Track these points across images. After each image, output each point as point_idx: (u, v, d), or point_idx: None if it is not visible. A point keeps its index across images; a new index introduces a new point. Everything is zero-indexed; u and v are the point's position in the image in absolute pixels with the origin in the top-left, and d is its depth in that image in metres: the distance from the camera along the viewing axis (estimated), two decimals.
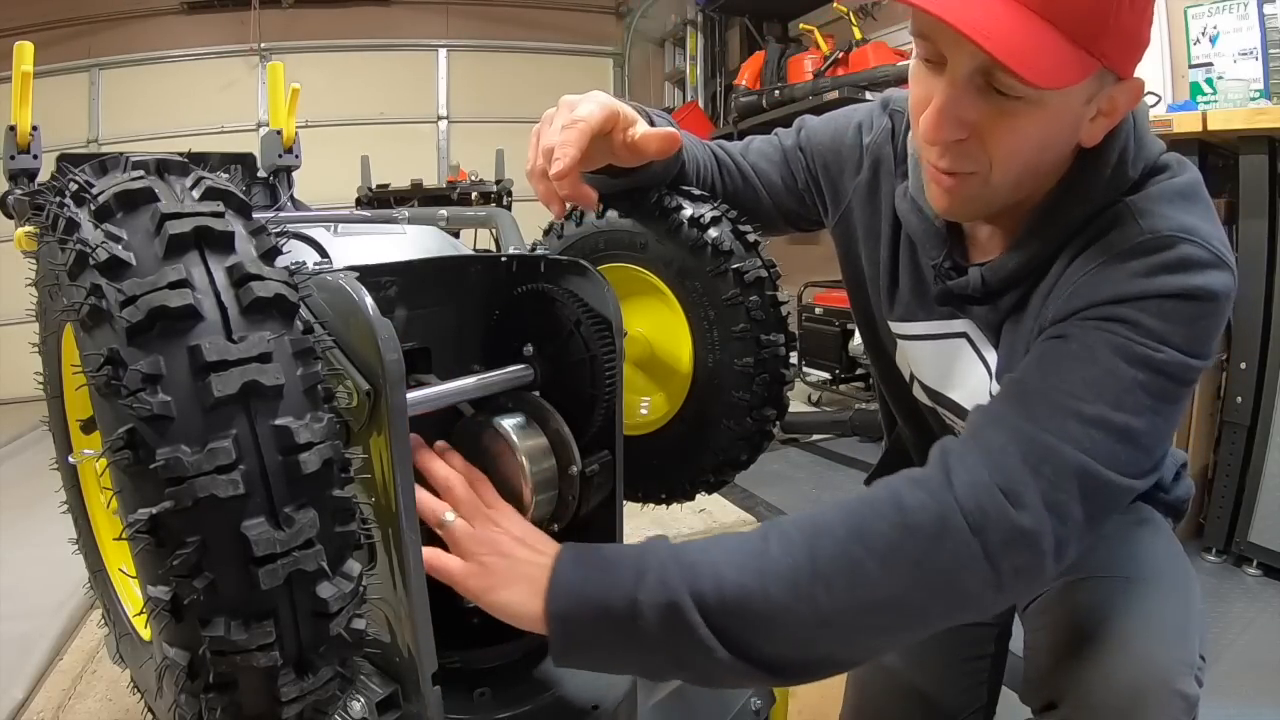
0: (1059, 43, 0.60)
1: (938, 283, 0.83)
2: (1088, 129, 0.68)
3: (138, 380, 0.40)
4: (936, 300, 0.84)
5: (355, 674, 0.49)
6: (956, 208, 0.74)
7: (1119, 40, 0.62)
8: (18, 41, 1.11)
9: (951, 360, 0.87)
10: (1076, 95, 0.65)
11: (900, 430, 1.07)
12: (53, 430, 0.88)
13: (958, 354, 0.86)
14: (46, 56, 1.81)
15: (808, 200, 0.97)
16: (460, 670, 0.72)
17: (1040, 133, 0.66)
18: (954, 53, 0.65)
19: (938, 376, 0.89)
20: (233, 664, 0.42)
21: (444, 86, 4.75)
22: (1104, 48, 0.62)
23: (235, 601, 0.41)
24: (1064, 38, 0.60)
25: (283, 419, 0.42)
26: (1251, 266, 1.74)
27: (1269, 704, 1.27)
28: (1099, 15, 0.60)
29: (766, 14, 3.99)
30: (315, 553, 0.43)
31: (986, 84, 0.64)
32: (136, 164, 0.47)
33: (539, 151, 0.75)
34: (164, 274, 0.41)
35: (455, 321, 0.83)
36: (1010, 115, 0.65)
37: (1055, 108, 0.65)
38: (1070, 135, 0.68)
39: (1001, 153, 0.67)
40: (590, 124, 0.73)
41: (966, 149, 0.68)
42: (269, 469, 0.42)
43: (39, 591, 1.71)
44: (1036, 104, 0.64)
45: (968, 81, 0.65)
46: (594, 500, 0.78)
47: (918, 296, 0.87)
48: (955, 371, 0.87)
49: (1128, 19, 0.62)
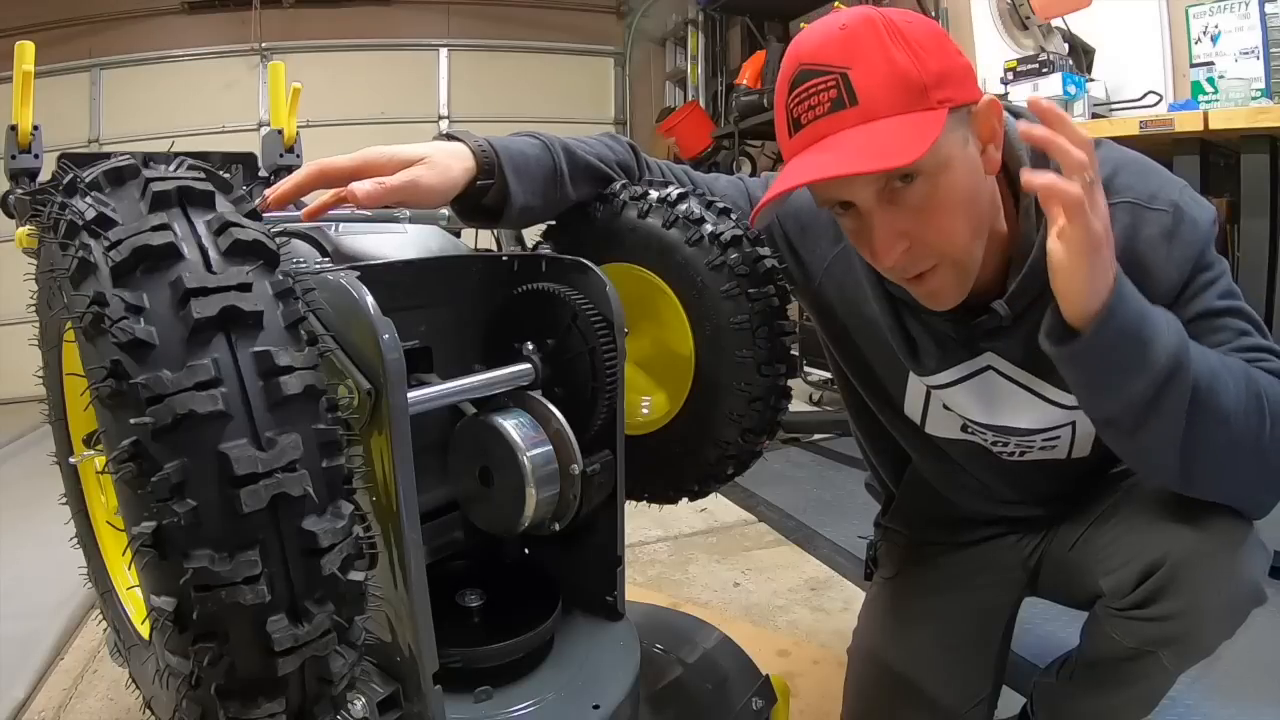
0: (898, 124, 0.69)
1: (960, 329, 0.87)
2: (987, 161, 0.76)
3: (121, 311, 0.41)
4: (963, 344, 0.89)
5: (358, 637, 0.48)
6: (949, 295, 0.80)
7: (939, 86, 0.70)
8: (19, 41, 1.11)
9: (991, 394, 0.90)
10: (951, 144, 0.72)
11: (916, 468, 1.11)
12: (55, 438, 0.88)
13: (993, 386, 0.90)
14: (47, 56, 1.81)
15: None
16: (461, 670, 0.72)
17: (956, 191, 0.73)
18: (850, 193, 0.74)
19: (988, 412, 0.92)
20: (219, 602, 0.41)
21: (445, 86, 4.75)
22: (934, 98, 0.70)
23: (218, 530, 0.41)
24: (899, 117, 0.69)
25: (262, 345, 0.43)
26: (1252, 266, 1.74)
27: (1269, 704, 1.27)
28: (904, 85, 0.69)
29: (768, 13, 3.98)
30: (299, 477, 0.42)
31: (889, 193, 0.73)
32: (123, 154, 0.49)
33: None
34: (147, 221, 0.43)
35: (456, 320, 0.83)
36: (925, 199, 0.73)
37: (949, 165, 0.72)
38: (979, 176, 0.76)
39: (942, 233, 0.74)
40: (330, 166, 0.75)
41: (915, 254, 0.76)
42: (249, 390, 0.42)
43: (40, 591, 1.71)
44: (932, 174, 0.72)
45: (876, 203, 0.74)
46: (595, 499, 0.78)
47: (939, 346, 0.90)
48: (999, 402, 0.91)
49: (931, 66, 0.70)
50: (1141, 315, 0.71)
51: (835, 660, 1.36)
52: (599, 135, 0.93)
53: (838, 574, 1.88)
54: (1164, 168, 0.83)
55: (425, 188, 0.75)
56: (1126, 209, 0.79)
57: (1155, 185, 0.80)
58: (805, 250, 0.98)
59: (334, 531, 0.44)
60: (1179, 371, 0.70)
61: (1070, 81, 2.09)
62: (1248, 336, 0.79)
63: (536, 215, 0.86)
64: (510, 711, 0.72)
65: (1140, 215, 0.79)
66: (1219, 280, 0.80)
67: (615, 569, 0.84)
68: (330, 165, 0.74)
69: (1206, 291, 0.79)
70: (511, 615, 0.78)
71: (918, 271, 0.78)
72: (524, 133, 0.86)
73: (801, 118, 0.73)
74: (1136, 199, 0.79)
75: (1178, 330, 0.72)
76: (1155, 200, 0.79)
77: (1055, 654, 1.07)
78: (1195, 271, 0.79)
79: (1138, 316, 0.71)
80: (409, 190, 0.74)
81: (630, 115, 4.96)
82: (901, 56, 0.70)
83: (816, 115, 0.72)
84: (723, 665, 0.98)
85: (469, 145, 0.79)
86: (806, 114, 0.73)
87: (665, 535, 2.12)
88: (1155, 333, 0.71)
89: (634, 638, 0.83)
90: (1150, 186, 0.80)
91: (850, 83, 0.70)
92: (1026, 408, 0.89)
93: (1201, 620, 0.83)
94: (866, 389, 1.05)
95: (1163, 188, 0.80)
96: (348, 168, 0.74)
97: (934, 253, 0.76)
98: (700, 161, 3.84)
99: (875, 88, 0.70)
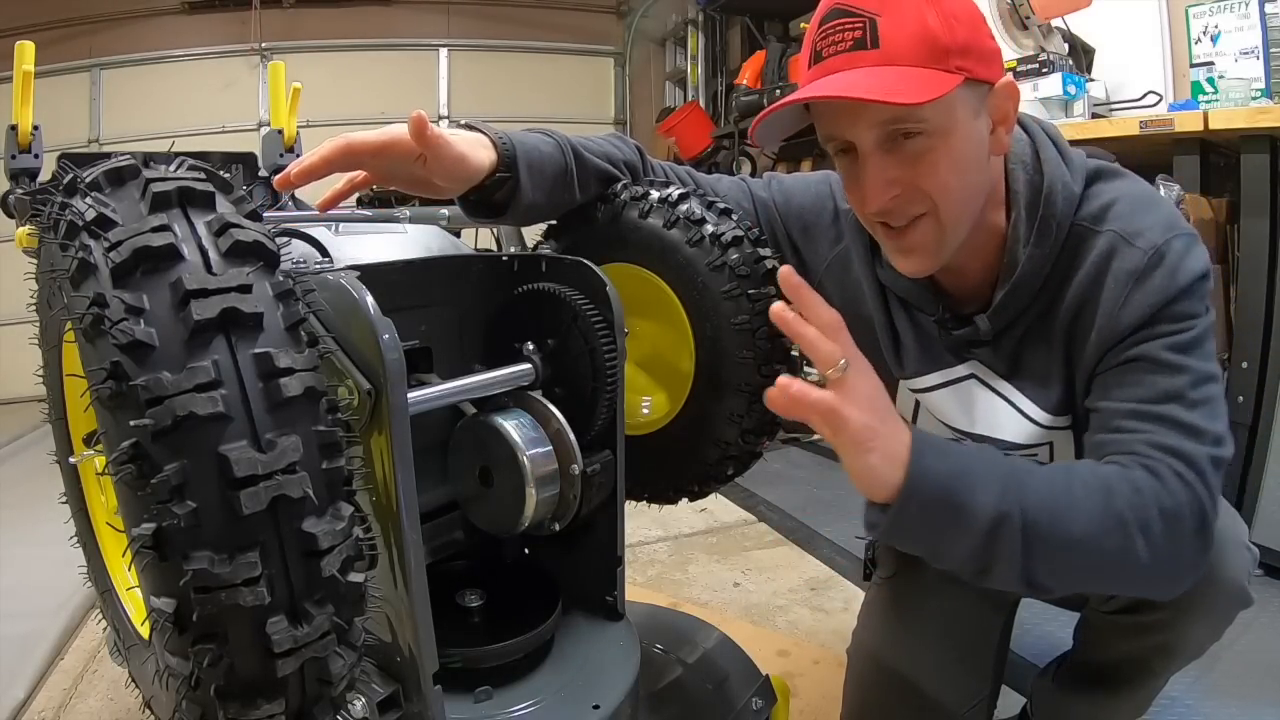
0: (913, 73, 0.70)
1: (944, 335, 0.87)
2: (994, 140, 0.77)
3: (121, 312, 0.41)
4: (948, 349, 0.89)
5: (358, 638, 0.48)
6: (925, 259, 0.79)
7: (962, 55, 0.71)
8: (19, 41, 1.11)
9: (971, 401, 0.91)
10: (962, 112, 0.73)
11: None
12: (55, 438, 0.88)
13: (973, 394, 0.90)
14: (47, 56, 1.81)
15: None
16: (461, 670, 0.72)
17: (955, 156, 0.74)
18: (854, 132, 0.74)
19: (968, 420, 0.92)
20: (219, 604, 0.41)
21: (445, 86, 4.74)
22: (955, 64, 0.71)
23: (218, 531, 0.41)
24: (916, 69, 0.70)
25: (262, 346, 0.43)
26: (1253, 266, 1.73)
27: (1269, 704, 1.27)
28: (928, 43, 0.70)
29: (768, 13, 3.98)
30: (299, 479, 0.42)
31: (891, 141, 0.73)
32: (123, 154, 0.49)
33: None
34: (147, 222, 0.43)
35: (456, 320, 0.83)
36: (924, 153, 0.73)
37: (954, 130, 0.73)
38: (982, 149, 0.76)
39: (934, 186, 0.74)
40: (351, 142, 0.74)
41: (905, 199, 0.76)
42: (249, 392, 0.42)
43: (40, 591, 1.71)
44: (937, 134, 0.72)
45: (876, 147, 0.74)
46: (595, 499, 0.78)
47: (924, 350, 0.91)
48: (979, 411, 0.90)
49: (961, 37, 0.71)
50: (950, 478, 0.67)
51: (835, 660, 1.36)
52: (605, 135, 0.94)
53: (838, 574, 1.88)
54: (1175, 213, 0.79)
55: (456, 154, 0.75)
56: (1108, 238, 0.77)
57: (1146, 224, 0.77)
58: (806, 250, 0.98)
59: (334, 533, 0.44)
60: (1003, 525, 0.66)
61: (1070, 81, 2.08)
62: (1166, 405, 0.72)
63: (541, 213, 0.86)
64: (510, 711, 0.72)
65: (1118, 248, 0.77)
66: (1181, 335, 0.74)
67: (615, 569, 0.84)
68: (356, 141, 0.73)
69: (1155, 341, 0.74)
70: (511, 615, 0.78)
71: (903, 221, 0.77)
72: (536, 129, 0.86)
73: (824, 51, 0.74)
74: (1121, 231, 0.77)
75: (1000, 479, 0.68)
76: (1138, 238, 0.76)
77: (1055, 654, 1.07)
78: (1154, 321, 0.74)
79: (943, 484, 0.67)
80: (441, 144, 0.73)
81: (630, 115, 4.95)
82: (934, 18, 0.70)
83: (837, 50, 0.72)
84: (723, 665, 0.98)
85: (490, 136, 0.79)
86: (829, 48, 0.73)
87: (665, 535, 2.12)
88: (968, 495, 0.67)
89: (634, 638, 0.83)
90: (1140, 224, 0.77)
91: (877, 28, 0.71)
92: (1006, 420, 0.89)
93: (1187, 625, 0.84)
94: None
95: (1153, 229, 0.76)
96: (373, 144, 0.73)
97: (924, 199, 0.75)
98: (700, 161, 3.83)
99: (900, 38, 0.70)
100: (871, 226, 0.82)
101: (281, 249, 0.47)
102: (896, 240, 0.79)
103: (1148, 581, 0.71)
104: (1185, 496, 0.68)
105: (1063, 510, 0.68)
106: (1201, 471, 0.70)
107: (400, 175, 0.76)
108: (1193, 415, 0.71)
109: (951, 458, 0.69)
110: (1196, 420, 0.71)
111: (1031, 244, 0.79)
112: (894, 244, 0.80)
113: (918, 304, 0.89)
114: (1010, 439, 0.89)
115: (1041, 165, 0.80)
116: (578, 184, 0.85)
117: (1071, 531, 0.67)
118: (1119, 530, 0.67)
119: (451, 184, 0.77)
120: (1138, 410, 0.73)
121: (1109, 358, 0.77)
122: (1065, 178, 0.79)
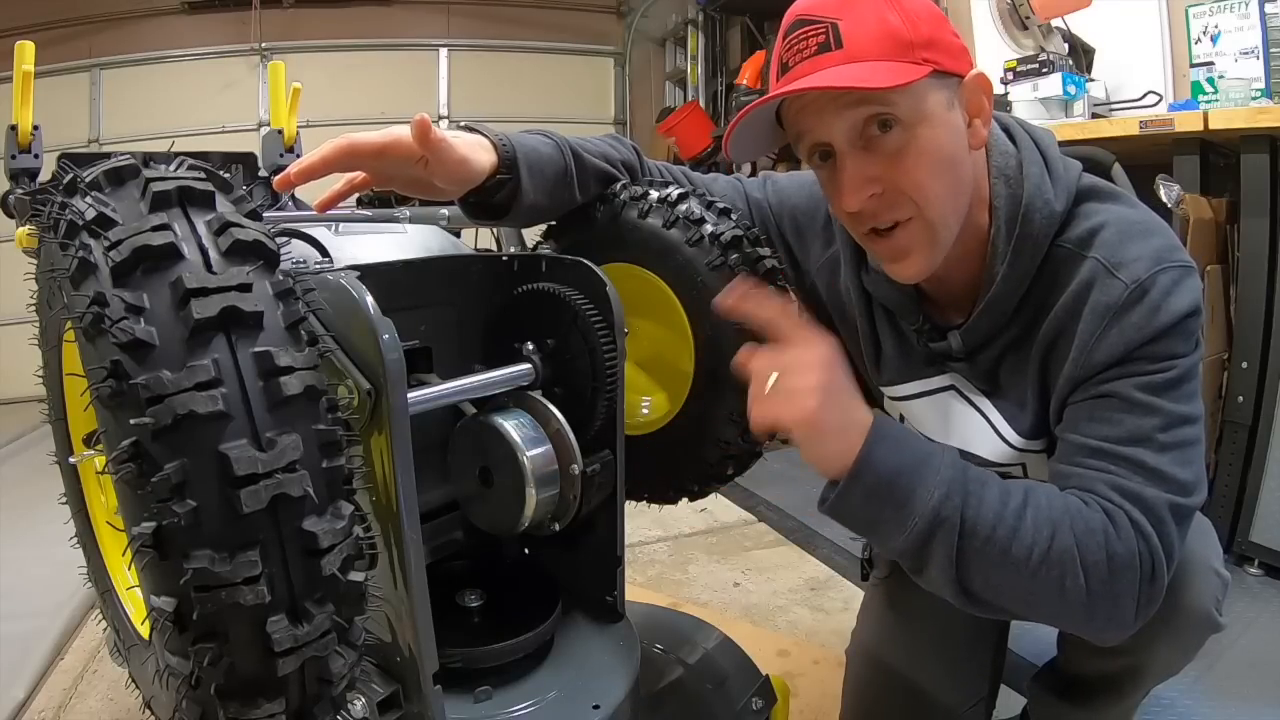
0: (880, 65, 0.70)
1: (922, 346, 0.87)
2: (972, 134, 0.76)
3: (121, 311, 0.41)
4: (927, 360, 0.89)
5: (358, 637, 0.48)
6: (918, 260, 0.77)
7: (927, 48, 0.71)
8: (18, 41, 1.11)
9: (947, 413, 0.90)
10: (934, 104, 0.72)
11: None
12: (55, 438, 0.88)
13: (950, 406, 0.90)
14: (47, 56, 1.81)
15: None
16: (461, 670, 0.72)
17: (934, 148, 0.73)
18: (825, 128, 0.74)
19: (943, 432, 0.91)
20: (219, 603, 0.41)
21: (445, 86, 4.74)
22: (921, 56, 0.71)
23: (218, 530, 0.41)
24: (882, 60, 0.70)
25: (262, 345, 0.43)
26: (1253, 266, 1.73)
27: (1269, 704, 1.27)
28: (891, 39, 0.70)
29: (768, 13, 3.98)
30: (299, 477, 0.42)
31: (866, 138, 0.73)
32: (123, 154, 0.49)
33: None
34: (147, 221, 0.43)
35: (456, 320, 0.83)
36: (901, 149, 0.72)
37: (928, 121, 0.72)
38: (960, 143, 0.75)
39: (913, 184, 0.73)
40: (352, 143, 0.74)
41: (887, 200, 0.75)
42: (249, 391, 0.42)
43: (40, 591, 1.71)
44: (910, 124, 0.72)
45: (852, 146, 0.73)
46: (595, 499, 0.78)
47: (903, 358, 0.91)
48: (954, 424, 0.90)
49: (924, 32, 0.71)
50: (897, 472, 0.67)
51: (835, 660, 1.36)
52: (602, 136, 0.93)
53: (838, 574, 1.88)
54: (1169, 242, 0.75)
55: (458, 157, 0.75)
56: (1091, 265, 0.74)
57: (1132, 254, 0.73)
58: (799, 250, 0.98)
59: (334, 532, 0.44)
60: (939, 528, 0.66)
61: (1070, 81, 2.08)
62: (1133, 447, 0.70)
63: (542, 215, 0.86)
64: (510, 711, 0.72)
65: (1099, 278, 0.74)
66: (1157, 375, 0.71)
67: (615, 569, 0.84)
68: (357, 142, 0.73)
69: (1129, 379, 0.71)
70: (511, 615, 0.78)
71: (886, 223, 0.76)
72: (535, 130, 0.86)
73: (789, 61, 0.74)
74: (1104, 260, 0.74)
75: (949, 483, 0.67)
76: (1121, 269, 0.72)
77: (1054, 654, 1.07)
78: (1130, 360, 0.71)
79: (889, 476, 0.67)
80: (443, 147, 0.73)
81: (630, 115, 4.95)
82: (895, 17, 0.71)
83: (803, 57, 0.73)
84: (723, 665, 0.98)
85: (490, 138, 0.79)
86: (794, 57, 0.74)
87: (665, 535, 2.12)
88: (909, 492, 0.67)
89: (634, 638, 0.83)
90: (1125, 254, 0.73)
91: (839, 30, 0.71)
92: (982, 437, 0.88)
93: (1154, 649, 0.83)
94: None
95: (1139, 260, 0.72)
96: (374, 145, 0.73)
97: (906, 203, 0.74)
98: (700, 162, 3.83)
99: (862, 36, 0.71)
100: (861, 238, 0.81)
101: (281, 249, 0.47)
102: (887, 246, 0.77)
103: (1086, 622, 0.69)
104: (1138, 546, 0.66)
105: (1008, 529, 0.67)
106: (1160, 520, 0.67)
107: (400, 177, 0.76)
108: (1160, 459, 0.69)
109: (905, 452, 0.68)
110: (1163, 465, 0.69)
111: (1006, 263, 0.77)
112: (885, 251, 0.78)
113: (900, 312, 0.88)
114: (985, 456, 0.87)
115: (1023, 180, 0.78)
116: (578, 184, 0.85)
117: (1011, 552, 0.66)
118: (1059, 565, 0.66)
119: (452, 186, 0.77)
120: (1103, 449, 0.71)
121: (1081, 390, 0.75)
122: (1046, 195, 0.77)
